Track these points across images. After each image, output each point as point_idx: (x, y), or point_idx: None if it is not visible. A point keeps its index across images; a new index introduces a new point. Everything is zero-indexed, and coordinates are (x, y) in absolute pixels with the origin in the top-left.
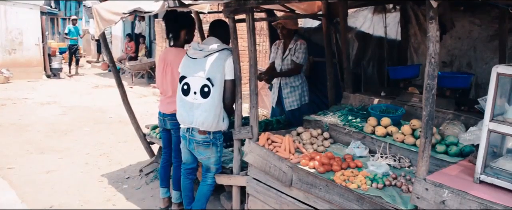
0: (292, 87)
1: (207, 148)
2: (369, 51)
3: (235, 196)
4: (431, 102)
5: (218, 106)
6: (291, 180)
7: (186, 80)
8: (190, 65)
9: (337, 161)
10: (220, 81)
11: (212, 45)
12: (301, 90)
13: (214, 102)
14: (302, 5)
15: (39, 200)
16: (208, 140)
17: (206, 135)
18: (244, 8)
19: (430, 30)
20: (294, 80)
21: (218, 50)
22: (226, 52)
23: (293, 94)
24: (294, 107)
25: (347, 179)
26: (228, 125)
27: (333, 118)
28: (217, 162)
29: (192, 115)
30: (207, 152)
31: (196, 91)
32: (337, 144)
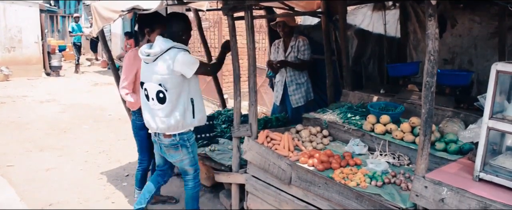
0: (297, 84)
1: (177, 150)
2: (369, 48)
3: (234, 194)
4: (430, 100)
5: (179, 108)
6: (290, 177)
7: (145, 86)
8: (145, 70)
9: (336, 159)
10: (174, 84)
11: (156, 48)
12: (307, 87)
13: (173, 105)
14: (301, 2)
15: (38, 198)
16: (175, 143)
17: (172, 138)
18: (243, 6)
19: (429, 28)
20: (300, 78)
21: (164, 51)
22: (173, 51)
23: (299, 91)
24: (300, 104)
25: (346, 177)
26: (201, 119)
27: (332, 115)
28: (192, 163)
29: (154, 120)
30: (178, 154)
31: (153, 97)
32: (336, 142)
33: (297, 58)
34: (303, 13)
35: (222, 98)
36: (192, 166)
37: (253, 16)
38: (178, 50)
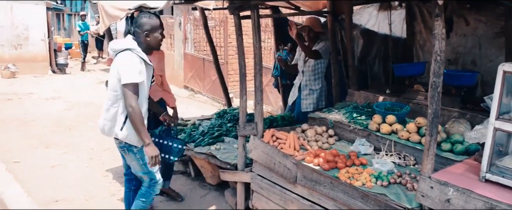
0: (311, 90)
1: (125, 153)
2: (374, 48)
3: (239, 193)
4: (436, 100)
5: (116, 113)
6: (296, 177)
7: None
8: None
9: (341, 158)
10: (115, 87)
11: (115, 46)
12: (319, 94)
13: (117, 109)
14: (307, 2)
15: (44, 194)
16: (121, 145)
17: (118, 140)
18: (249, 5)
19: (436, 28)
20: (314, 84)
21: (118, 52)
22: (124, 53)
23: (311, 97)
24: (309, 109)
25: (352, 177)
26: (126, 135)
27: (338, 115)
28: (143, 171)
29: (102, 118)
30: (127, 158)
31: (109, 96)
32: (342, 141)
33: (316, 65)
34: (309, 12)
35: (228, 97)
36: (144, 173)
37: (259, 15)
38: (128, 53)
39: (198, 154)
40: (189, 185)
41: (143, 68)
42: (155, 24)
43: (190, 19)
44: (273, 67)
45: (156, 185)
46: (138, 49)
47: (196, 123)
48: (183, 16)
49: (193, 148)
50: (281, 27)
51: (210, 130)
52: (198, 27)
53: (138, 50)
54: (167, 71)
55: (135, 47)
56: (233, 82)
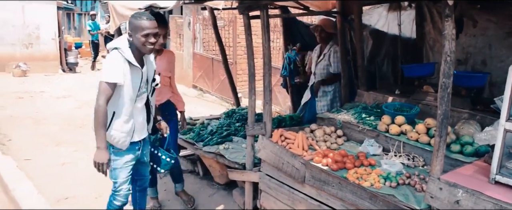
0: (324, 92)
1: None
2: (384, 49)
3: (247, 192)
4: (446, 101)
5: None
6: (304, 176)
7: None
8: None
9: (350, 159)
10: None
11: (109, 44)
12: (333, 96)
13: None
14: (316, 2)
15: (54, 191)
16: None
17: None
18: (258, 5)
19: (446, 28)
20: (326, 86)
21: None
22: (111, 52)
23: (325, 99)
24: (323, 111)
25: (360, 177)
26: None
27: (346, 115)
28: (112, 175)
29: None
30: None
31: None
32: (350, 142)
33: (327, 67)
34: (318, 12)
35: (236, 97)
36: (111, 178)
37: (269, 15)
38: (113, 52)
39: (207, 153)
40: (198, 184)
41: (126, 69)
42: (138, 25)
43: (199, 19)
44: (282, 67)
45: (116, 195)
46: (124, 49)
47: (204, 122)
48: (192, 16)
49: (202, 147)
50: (290, 27)
51: (218, 129)
52: (207, 27)
53: (123, 50)
54: (176, 71)
55: (121, 47)
56: (241, 82)
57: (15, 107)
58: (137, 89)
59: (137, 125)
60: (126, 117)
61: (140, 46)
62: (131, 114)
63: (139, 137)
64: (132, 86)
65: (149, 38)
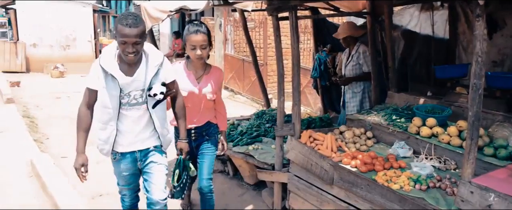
0: (353, 93)
1: None
2: (416, 49)
3: (276, 193)
4: (477, 103)
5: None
6: (333, 178)
7: None
8: None
9: (379, 161)
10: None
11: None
12: (362, 96)
13: None
14: (346, 2)
15: (89, 188)
16: None
17: None
18: (287, 6)
19: (477, 28)
20: (355, 87)
21: None
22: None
23: (354, 99)
24: (353, 112)
25: (390, 179)
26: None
27: (376, 117)
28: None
29: None
30: None
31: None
32: (380, 144)
33: (355, 67)
34: (348, 13)
35: (267, 98)
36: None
37: (298, 16)
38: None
39: (236, 153)
40: (227, 184)
41: (101, 75)
42: (118, 30)
43: (230, 21)
44: (312, 69)
45: (121, 197)
46: (106, 54)
47: (235, 122)
48: (223, 17)
49: (232, 147)
50: (321, 28)
51: (248, 130)
52: (238, 29)
53: (103, 55)
54: None
55: (105, 51)
56: (272, 83)
57: (53, 107)
58: (116, 98)
59: (126, 135)
60: (100, 124)
61: (121, 53)
62: (108, 122)
63: (133, 148)
64: (108, 94)
65: (126, 47)
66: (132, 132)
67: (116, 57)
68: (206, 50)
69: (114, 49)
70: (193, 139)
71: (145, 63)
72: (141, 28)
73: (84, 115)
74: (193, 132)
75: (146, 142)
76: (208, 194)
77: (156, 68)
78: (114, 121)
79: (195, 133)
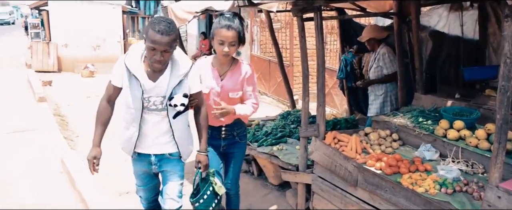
0: (375, 96)
1: None
2: (444, 51)
3: (300, 194)
4: (505, 105)
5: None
6: (357, 180)
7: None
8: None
9: (405, 163)
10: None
11: None
12: (383, 100)
13: None
14: (373, 3)
15: (117, 185)
16: None
17: None
18: (312, 7)
19: (506, 29)
20: (377, 89)
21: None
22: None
23: (376, 102)
24: (373, 114)
25: (415, 182)
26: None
27: (402, 119)
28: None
29: None
30: None
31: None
32: (406, 146)
33: (377, 69)
34: (374, 14)
35: (292, 99)
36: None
37: (323, 17)
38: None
39: (261, 154)
40: (252, 184)
41: (125, 74)
42: (148, 34)
43: (256, 22)
44: (338, 70)
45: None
46: (133, 52)
47: (260, 123)
48: (250, 18)
49: (256, 147)
50: (347, 29)
51: (273, 130)
52: (264, 29)
53: (131, 53)
54: None
55: (133, 49)
56: (298, 84)
57: (83, 106)
58: (138, 100)
59: (145, 137)
60: (124, 123)
61: (148, 58)
62: (131, 122)
63: (149, 151)
64: (131, 95)
65: (155, 54)
66: (150, 135)
67: (142, 58)
68: (234, 48)
69: (141, 49)
70: (223, 137)
71: (170, 71)
72: (173, 36)
73: (104, 108)
74: (223, 129)
75: (163, 147)
76: (234, 195)
77: (180, 78)
78: (137, 123)
79: (226, 131)
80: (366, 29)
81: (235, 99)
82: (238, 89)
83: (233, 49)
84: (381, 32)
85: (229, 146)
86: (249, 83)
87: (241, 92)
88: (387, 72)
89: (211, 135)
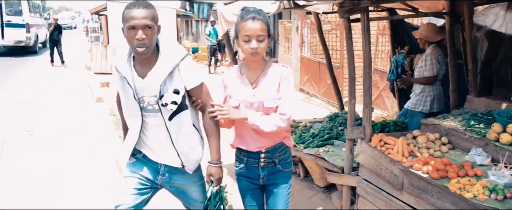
0: (414, 94)
1: None
2: (501, 51)
3: (345, 196)
4: None
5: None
6: (402, 183)
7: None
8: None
9: (453, 168)
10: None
11: None
12: (419, 97)
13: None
14: (425, 3)
15: None
16: None
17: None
18: (359, 8)
19: None
20: (417, 88)
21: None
22: None
23: (411, 101)
24: (406, 107)
25: (463, 188)
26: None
27: (453, 122)
28: None
29: None
30: None
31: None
32: (455, 150)
33: (421, 70)
34: (425, 14)
35: (341, 101)
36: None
37: (371, 17)
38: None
39: (307, 155)
40: (298, 185)
41: (116, 75)
42: (124, 16)
43: (307, 23)
44: (389, 71)
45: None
46: (121, 51)
47: (307, 124)
48: (300, 20)
49: (303, 149)
50: (398, 29)
51: (320, 132)
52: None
53: (119, 52)
54: None
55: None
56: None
57: None
58: (131, 101)
59: (148, 142)
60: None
61: (130, 47)
62: (131, 126)
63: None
64: (125, 96)
65: (135, 33)
66: (153, 141)
67: (130, 56)
68: (263, 44)
69: (128, 48)
70: (261, 165)
71: (160, 64)
72: (152, 11)
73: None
74: (262, 155)
75: (169, 158)
76: None
77: (169, 70)
78: (137, 126)
79: (265, 158)
80: (422, 27)
81: (272, 109)
82: (275, 97)
83: (262, 46)
84: (434, 34)
85: (269, 177)
86: (284, 87)
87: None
88: (427, 74)
89: (246, 165)
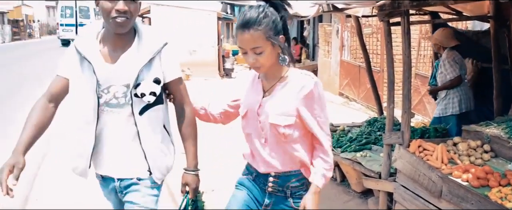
0: (440, 99)
1: None
2: None
3: (381, 202)
4: None
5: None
6: (441, 191)
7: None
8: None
9: (495, 176)
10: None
11: None
12: (446, 101)
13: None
14: (468, 6)
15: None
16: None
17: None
18: (399, 11)
19: None
20: (441, 94)
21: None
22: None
23: (440, 104)
24: (436, 115)
25: (505, 197)
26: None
27: (496, 129)
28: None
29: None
30: None
31: None
32: (498, 159)
33: (442, 76)
34: (468, 18)
35: (380, 106)
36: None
37: (412, 21)
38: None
39: (344, 160)
40: (334, 190)
41: (76, 60)
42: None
43: (347, 27)
44: (431, 76)
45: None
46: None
47: (345, 129)
48: (340, 23)
49: (340, 153)
50: None
51: (358, 136)
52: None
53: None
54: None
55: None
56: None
57: None
58: (92, 93)
59: (103, 149)
60: (74, 130)
61: (108, 25)
62: (82, 127)
63: (111, 173)
64: (82, 86)
65: (115, 4)
66: (111, 146)
67: (98, 36)
68: (264, 56)
69: (98, 27)
70: (269, 191)
71: (136, 48)
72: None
73: (39, 107)
74: (271, 179)
75: (128, 168)
76: None
77: (150, 55)
78: (92, 126)
79: (274, 184)
80: (437, 32)
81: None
82: (287, 113)
83: (263, 59)
84: (449, 40)
85: (275, 207)
86: (310, 105)
87: (294, 119)
88: (450, 77)
89: (254, 180)
